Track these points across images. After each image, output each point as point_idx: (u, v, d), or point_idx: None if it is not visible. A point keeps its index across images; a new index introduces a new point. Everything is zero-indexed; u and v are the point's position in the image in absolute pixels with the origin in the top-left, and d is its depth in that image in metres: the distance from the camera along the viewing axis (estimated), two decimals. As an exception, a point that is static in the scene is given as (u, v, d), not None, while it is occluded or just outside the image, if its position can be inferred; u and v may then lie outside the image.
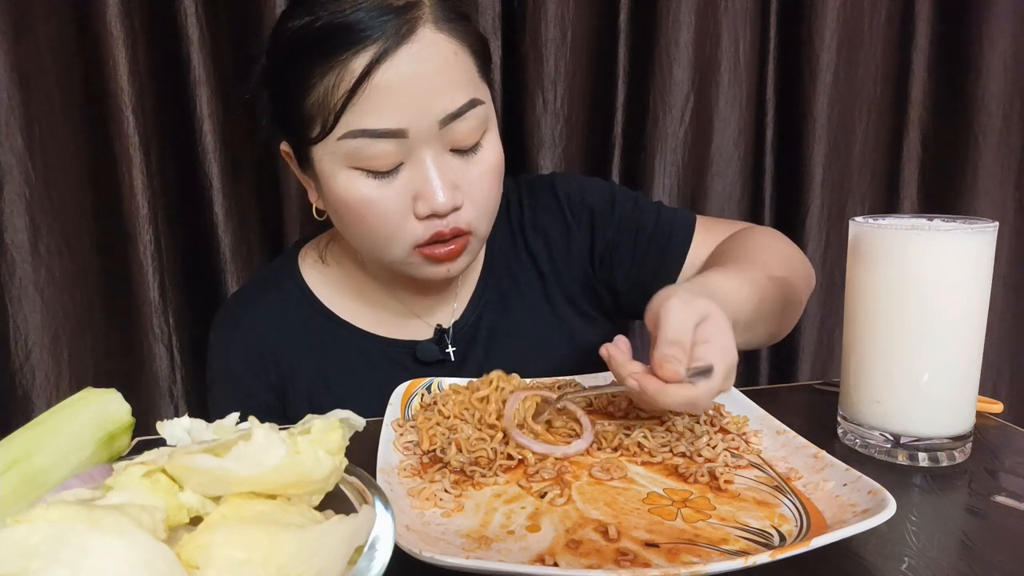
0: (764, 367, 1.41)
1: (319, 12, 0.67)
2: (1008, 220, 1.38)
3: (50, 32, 1.06)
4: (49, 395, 1.10)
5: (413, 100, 0.66)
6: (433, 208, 0.69)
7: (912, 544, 0.47)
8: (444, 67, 0.68)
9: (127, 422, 0.50)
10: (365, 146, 0.67)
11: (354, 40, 0.65)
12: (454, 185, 0.70)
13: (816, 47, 1.28)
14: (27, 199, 1.07)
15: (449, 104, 0.68)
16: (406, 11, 0.66)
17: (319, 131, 0.68)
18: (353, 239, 0.76)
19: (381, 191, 0.69)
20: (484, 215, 0.74)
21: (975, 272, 0.58)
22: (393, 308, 0.84)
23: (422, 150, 0.68)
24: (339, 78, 0.66)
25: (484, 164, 0.72)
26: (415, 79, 0.66)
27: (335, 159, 0.69)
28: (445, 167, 0.70)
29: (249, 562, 0.31)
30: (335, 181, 0.70)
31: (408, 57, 0.66)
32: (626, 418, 0.66)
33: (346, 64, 0.66)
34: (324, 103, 0.67)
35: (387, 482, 0.52)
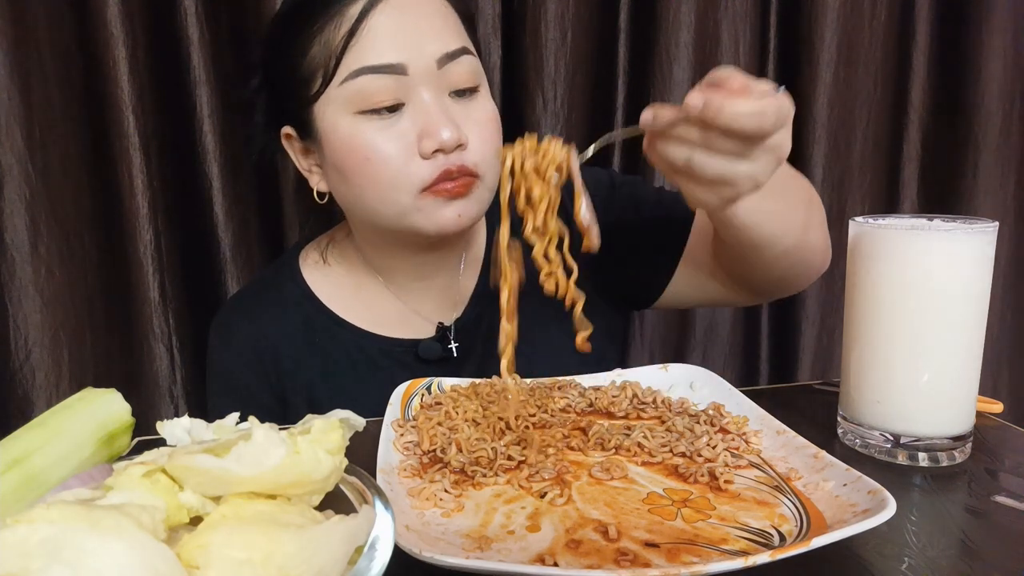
0: (764, 367, 1.41)
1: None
2: (1008, 220, 1.38)
3: (50, 32, 1.06)
4: (49, 395, 1.10)
5: (409, 38, 0.70)
6: (439, 142, 0.70)
7: (912, 544, 0.47)
8: (435, 13, 0.73)
9: (127, 422, 0.50)
10: (366, 84, 0.69)
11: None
12: (456, 124, 0.71)
13: (816, 47, 1.29)
14: (27, 199, 1.07)
15: (444, 45, 0.71)
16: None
17: (320, 82, 0.71)
18: (358, 198, 0.75)
19: (385, 132, 0.71)
20: (489, 159, 0.74)
21: (975, 272, 0.58)
22: (395, 306, 0.84)
23: (421, 90, 0.71)
24: (337, 24, 0.70)
25: (483, 111, 0.75)
26: (410, 19, 0.71)
27: (337, 108, 0.71)
28: (446, 106, 0.72)
29: (249, 562, 0.31)
30: (339, 130, 0.72)
31: (400, 2, 0.71)
32: (627, 418, 0.66)
33: (343, 12, 0.70)
34: (324, 52, 0.70)
35: (387, 482, 0.52)
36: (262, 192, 1.19)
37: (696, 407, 0.68)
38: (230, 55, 1.14)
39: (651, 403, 0.68)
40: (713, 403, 0.67)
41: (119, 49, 1.05)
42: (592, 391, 0.71)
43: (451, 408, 0.65)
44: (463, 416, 0.64)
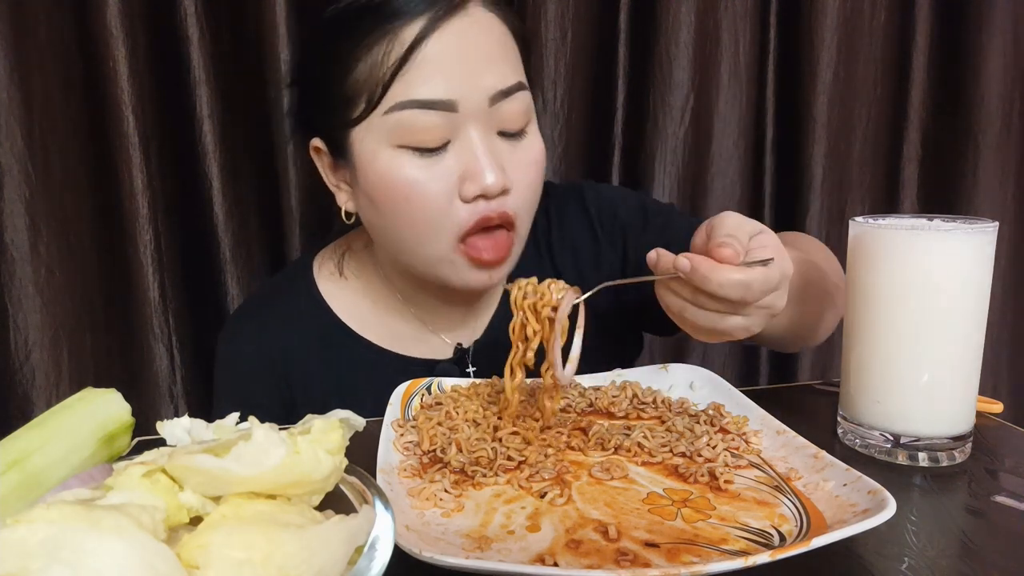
0: (764, 367, 1.41)
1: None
2: (1008, 220, 1.38)
3: (50, 32, 1.06)
4: (49, 395, 1.10)
5: (464, 72, 0.65)
6: (482, 188, 0.66)
7: (912, 544, 0.47)
8: (495, 44, 0.68)
9: (127, 422, 0.50)
10: (413, 119, 0.65)
11: (404, 10, 0.65)
12: (502, 167, 0.68)
13: (816, 47, 1.29)
14: (27, 199, 1.07)
15: (500, 80, 0.67)
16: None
17: (363, 108, 0.67)
18: (391, 233, 0.72)
19: (427, 171, 0.66)
20: (528, 207, 0.72)
21: (975, 272, 0.58)
22: (413, 325, 0.82)
23: (470, 128, 0.67)
24: (388, 48, 0.65)
25: (531, 152, 0.71)
26: (466, 51, 0.66)
27: (379, 137, 0.67)
28: (493, 148, 0.68)
29: (249, 562, 0.31)
30: (377, 162, 0.67)
31: (459, 29, 0.65)
32: (627, 418, 0.66)
33: (396, 34, 0.65)
34: (370, 76, 0.66)
35: (387, 482, 0.52)
36: (262, 192, 1.19)
37: (696, 407, 0.68)
38: (230, 55, 1.14)
39: (651, 403, 0.68)
40: (713, 403, 0.67)
41: (119, 49, 1.05)
42: (592, 391, 0.71)
43: (451, 408, 0.65)
44: (463, 416, 0.64)
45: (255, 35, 1.12)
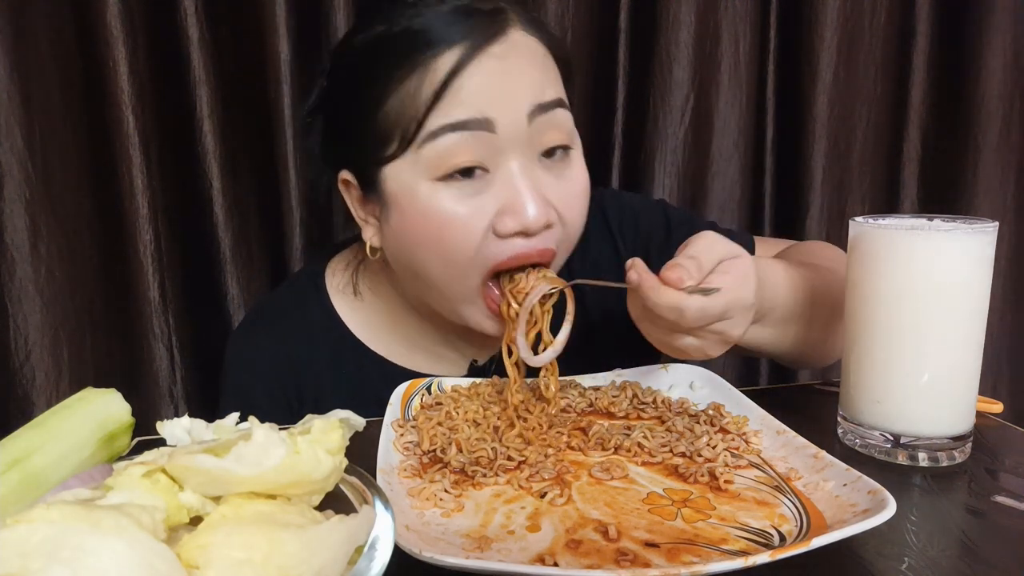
0: (764, 367, 1.41)
1: (395, 18, 0.64)
2: (1008, 220, 1.38)
3: (50, 32, 1.06)
4: (49, 395, 1.10)
5: (501, 91, 0.62)
6: (524, 224, 0.62)
7: (912, 544, 0.47)
8: (534, 63, 0.64)
9: (127, 422, 0.50)
10: (448, 144, 0.61)
11: (440, 40, 0.61)
12: (546, 200, 0.64)
13: (816, 47, 1.29)
14: (27, 199, 1.07)
15: (538, 94, 0.63)
16: (493, 14, 0.64)
17: (397, 145, 0.63)
18: (418, 269, 0.68)
19: (464, 204, 0.63)
20: (572, 238, 0.68)
21: (975, 272, 0.58)
22: (427, 341, 0.80)
23: (509, 155, 0.63)
24: (421, 81, 0.61)
25: (576, 183, 0.67)
26: (503, 73, 0.62)
27: (415, 173, 0.63)
28: (535, 178, 0.64)
29: (249, 562, 0.31)
30: (415, 198, 0.64)
31: (497, 56, 0.62)
32: (627, 418, 0.66)
33: (429, 65, 0.61)
34: (403, 110, 0.62)
35: (387, 482, 0.52)
36: (262, 192, 1.19)
37: (696, 407, 0.68)
38: (230, 55, 1.14)
39: (651, 403, 0.68)
40: (713, 403, 0.67)
41: (119, 49, 1.05)
42: (592, 391, 0.71)
43: (452, 408, 0.65)
44: (463, 416, 0.64)
45: (255, 35, 1.12)
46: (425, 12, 0.63)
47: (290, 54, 1.11)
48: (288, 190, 1.16)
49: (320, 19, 1.14)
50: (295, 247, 1.18)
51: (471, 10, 0.63)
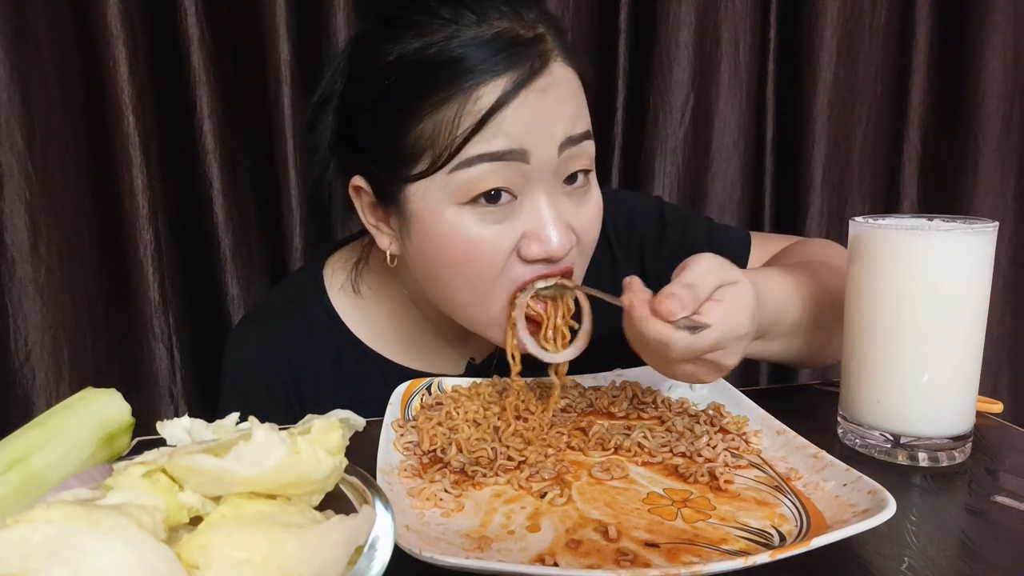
0: (764, 367, 1.41)
1: (432, 38, 0.61)
2: (1008, 220, 1.38)
3: (50, 32, 1.06)
4: (49, 395, 1.10)
5: (538, 126, 0.62)
6: (548, 251, 0.63)
7: (912, 544, 0.47)
8: (571, 97, 0.65)
9: (127, 422, 0.50)
10: (482, 172, 0.61)
11: (482, 71, 0.60)
12: (568, 226, 0.65)
13: (816, 47, 1.29)
14: (27, 199, 1.07)
15: (571, 128, 0.64)
16: (536, 43, 0.62)
17: (426, 167, 0.62)
18: (446, 285, 0.68)
19: (491, 229, 0.63)
20: (587, 259, 0.70)
21: (975, 272, 0.58)
22: (428, 340, 0.80)
23: (537, 184, 0.63)
24: (461, 109, 0.60)
25: (592, 206, 0.68)
26: (544, 108, 0.62)
27: (442, 196, 0.62)
28: (560, 207, 0.65)
29: (249, 562, 0.31)
30: (438, 220, 0.63)
31: (540, 91, 0.61)
32: (627, 418, 0.66)
33: (470, 94, 0.60)
34: (437, 135, 0.61)
35: (387, 482, 0.52)
36: (262, 192, 1.20)
37: (696, 407, 0.68)
38: (230, 55, 1.14)
39: (651, 403, 0.68)
40: (713, 403, 0.67)
41: (119, 49, 1.05)
42: (592, 391, 0.71)
43: (452, 408, 0.65)
44: (464, 416, 0.64)
45: (255, 35, 1.12)
46: (463, 34, 0.61)
47: (290, 54, 1.12)
48: (288, 190, 1.16)
49: (320, 19, 1.14)
50: (295, 247, 1.18)
51: (514, 39, 0.61)
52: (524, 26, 0.63)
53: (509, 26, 0.62)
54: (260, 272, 1.22)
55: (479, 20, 0.62)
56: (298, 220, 1.17)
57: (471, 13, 0.62)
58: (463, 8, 0.62)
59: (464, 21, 0.61)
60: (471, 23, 0.61)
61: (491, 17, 0.62)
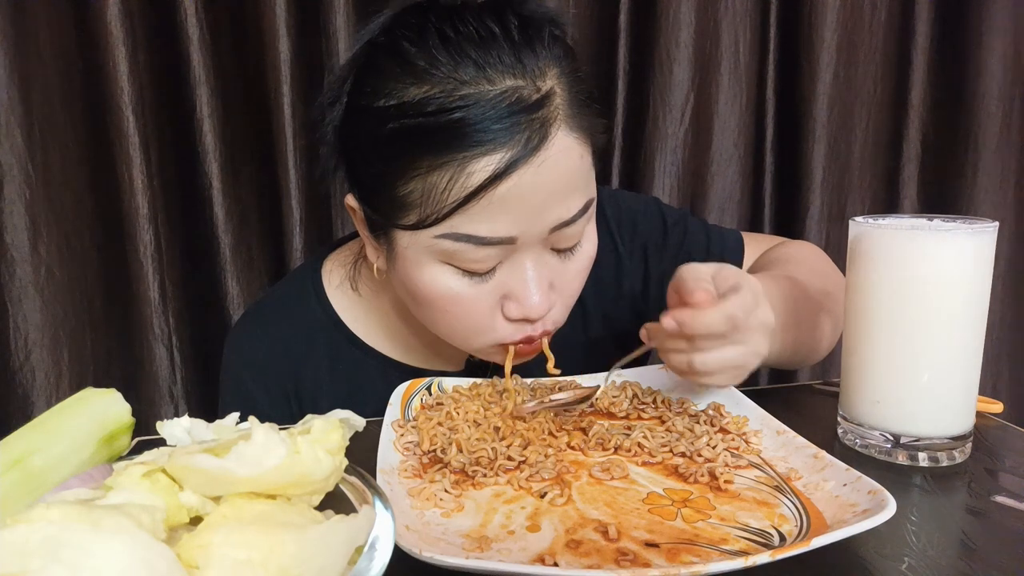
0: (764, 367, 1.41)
1: (432, 91, 0.57)
2: (1008, 220, 1.38)
3: (50, 32, 1.06)
4: (49, 395, 1.10)
5: (530, 211, 0.60)
6: (527, 314, 0.64)
7: (912, 544, 0.47)
8: (569, 175, 0.62)
9: (127, 422, 0.50)
10: (466, 251, 0.60)
11: (476, 142, 0.57)
12: (550, 285, 0.65)
13: (816, 47, 1.29)
14: (27, 199, 1.07)
15: (564, 212, 0.62)
16: (538, 107, 0.58)
17: (413, 223, 0.61)
18: (426, 322, 0.70)
19: (472, 290, 0.63)
20: (569, 309, 0.70)
21: (975, 272, 0.58)
22: (426, 337, 0.79)
23: (523, 253, 0.63)
24: (452, 180, 0.58)
25: (581, 262, 0.68)
26: (538, 191, 0.59)
27: (425, 252, 0.62)
28: (543, 268, 0.64)
29: (249, 562, 0.31)
30: (419, 271, 0.63)
31: (535, 169, 0.58)
32: (627, 418, 0.66)
33: (463, 166, 0.57)
34: (427, 199, 0.59)
35: (387, 482, 0.52)
36: (262, 192, 1.20)
37: (696, 407, 0.68)
38: (230, 55, 1.14)
39: (651, 403, 0.68)
40: (713, 403, 0.67)
41: (119, 49, 1.05)
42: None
43: (452, 409, 0.65)
44: (464, 417, 0.64)
45: (255, 35, 1.12)
46: (464, 90, 0.57)
47: (290, 54, 1.12)
48: (288, 190, 1.16)
49: (320, 19, 1.14)
50: (295, 247, 1.18)
51: (515, 103, 0.57)
52: (528, 83, 0.58)
53: (512, 85, 0.58)
54: (260, 272, 1.22)
55: (479, 74, 0.57)
56: (298, 220, 1.17)
57: (472, 64, 0.57)
58: (464, 57, 0.58)
59: (464, 74, 0.57)
60: (471, 78, 0.57)
61: (493, 72, 0.57)
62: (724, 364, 0.60)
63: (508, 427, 0.62)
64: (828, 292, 0.76)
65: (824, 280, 0.78)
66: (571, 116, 0.61)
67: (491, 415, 0.64)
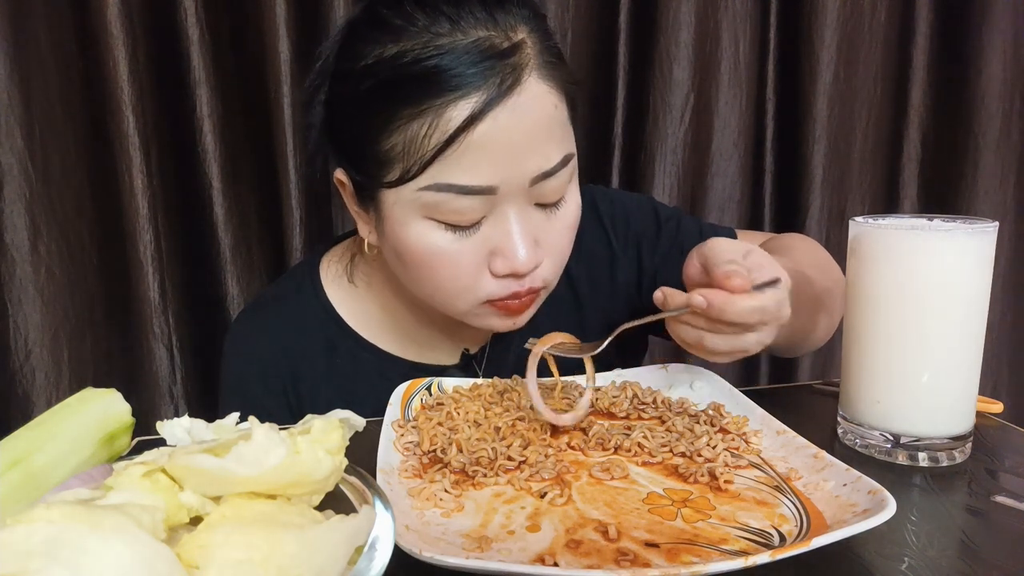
0: (764, 367, 1.41)
1: (408, 44, 0.60)
2: (1008, 220, 1.38)
3: (50, 32, 1.06)
4: (49, 395, 1.10)
5: (509, 157, 0.61)
6: (513, 268, 0.64)
7: (912, 544, 0.47)
8: (544, 122, 0.63)
9: (127, 422, 0.50)
10: (448, 200, 0.61)
11: (452, 87, 0.59)
12: (535, 241, 0.66)
13: (816, 47, 1.29)
14: (27, 199, 1.07)
15: (544, 162, 0.63)
16: (510, 54, 0.60)
17: (396, 177, 0.62)
18: (415, 287, 0.70)
19: (457, 244, 0.64)
20: (559, 268, 0.70)
21: (975, 272, 0.58)
22: (423, 332, 0.81)
23: (507, 205, 0.63)
24: (431, 127, 0.59)
25: (566, 219, 0.68)
26: (514, 135, 0.61)
27: (410, 207, 0.63)
28: (528, 222, 0.65)
29: (249, 562, 0.31)
30: (406, 230, 0.64)
31: (510, 111, 0.60)
32: (627, 418, 0.66)
33: (440, 112, 0.59)
34: (408, 149, 0.61)
35: (387, 482, 0.52)
36: (262, 192, 1.20)
37: (696, 407, 0.68)
38: (230, 55, 1.14)
39: (651, 403, 0.68)
40: (713, 403, 0.67)
41: (119, 49, 1.05)
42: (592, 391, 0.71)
43: (452, 409, 0.65)
44: (464, 417, 0.64)
45: (255, 35, 1.12)
46: (439, 40, 0.59)
47: (290, 54, 1.12)
48: (288, 190, 1.16)
49: (320, 19, 1.14)
50: (295, 247, 1.18)
51: (489, 51, 0.60)
52: (500, 34, 0.61)
53: (484, 35, 0.60)
54: (260, 272, 1.22)
55: (453, 27, 0.60)
56: (298, 220, 1.17)
57: (446, 20, 0.60)
58: (438, 14, 0.60)
59: (439, 28, 0.60)
60: (446, 31, 0.60)
61: (466, 24, 0.60)
62: (733, 348, 0.60)
63: (508, 427, 0.62)
64: (825, 283, 0.76)
65: (821, 271, 0.78)
66: (542, 65, 0.62)
67: (492, 415, 0.65)
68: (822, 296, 0.75)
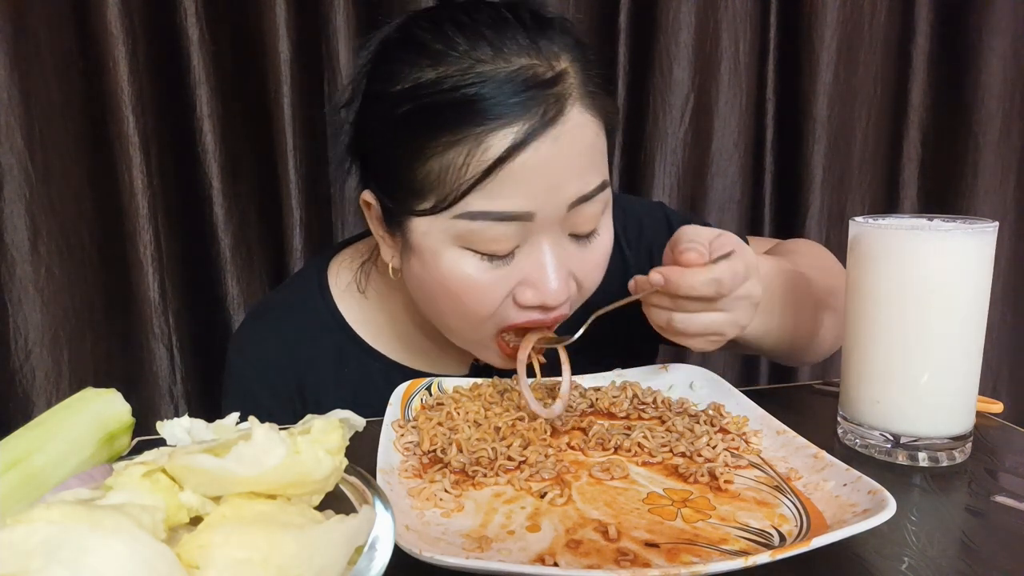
0: (764, 367, 1.41)
1: (449, 70, 0.58)
2: (1008, 220, 1.38)
3: (50, 32, 1.06)
4: (49, 395, 1.10)
5: (547, 184, 0.60)
6: (543, 300, 0.63)
7: (912, 544, 0.47)
8: (585, 151, 0.62)
9: (127, 422, 0.50)
10: (484, 229, 0.60)
11: (493, 116, 0.57)
12: (569, 273, 0.65)
13: (816, 47, 1.29)
14: (27, 199, 1.07)
15: (583, 187, 0.62)
16: (553, 84, 0.59)
17: (431, 206, 0.60)
18: (433, 313, 0.69)
19: (489, 274, 0.62)
20: (583, 299, 0.69)
21: (975, 272, 0.58)
22: (431, 341, 0.79)
23: (541, 235, 0.62)
24: (469, 156, 0.58)
25: (600, 251, 0.67)
26: (555, 164, 0.60)
27: (443, 236, 0.61)
28: (562, 253, 0.64)
29: (249, 562, 0.31)
30: (437, 259, 0.63)
31: (552, 142, 0.59)
32: (627, 418, 0.66)
33: (480, 140, 0.57)
34: (444, 178, 0.59)
35: (387, 482, 0.52)
36: (262, 192, 1.20)
37: (696, 407, 0.68)
38: (230, 55, 1.14)
39: (651, 403, 0.68)
40: (713, 403, 0.67)
41: (119, 49, 1.05)
42: (592, 391, 0.71)
43: (452, 409, 0.65)
44: (464, 417, 0.64)
45: (255, 35, 1.12)
46: (479, 68, 0.58)
47: (290, 54, 1.12)
48: (288, 190, 1.16)
49: (320, 19, 1.14)
50: (295, 247, 1.18)
51: (529, 79, 0.58)
52: (543, 62, 0.59)
53: (527, 63, 0.59)
54: (260, 272, 1.22)
55: (495, 54, 0.58)
56: (298, 220, 1.18)
57: (488, 46, 0.59)
58: (480, 40, 0.59)
59: (480, 54, 0.58)
60: (487, 57, 0.58)
61: (509, 51, 0.59)
62: (703, 328, 0.61)
63: (508, 427, 0.62)
64: (832, 288, 0.76)
65: (829, 276, 0.78)
66: (585, 95, 0.61)
67: (492, 415, 0.65)
68: (824, 296, 0.75)
